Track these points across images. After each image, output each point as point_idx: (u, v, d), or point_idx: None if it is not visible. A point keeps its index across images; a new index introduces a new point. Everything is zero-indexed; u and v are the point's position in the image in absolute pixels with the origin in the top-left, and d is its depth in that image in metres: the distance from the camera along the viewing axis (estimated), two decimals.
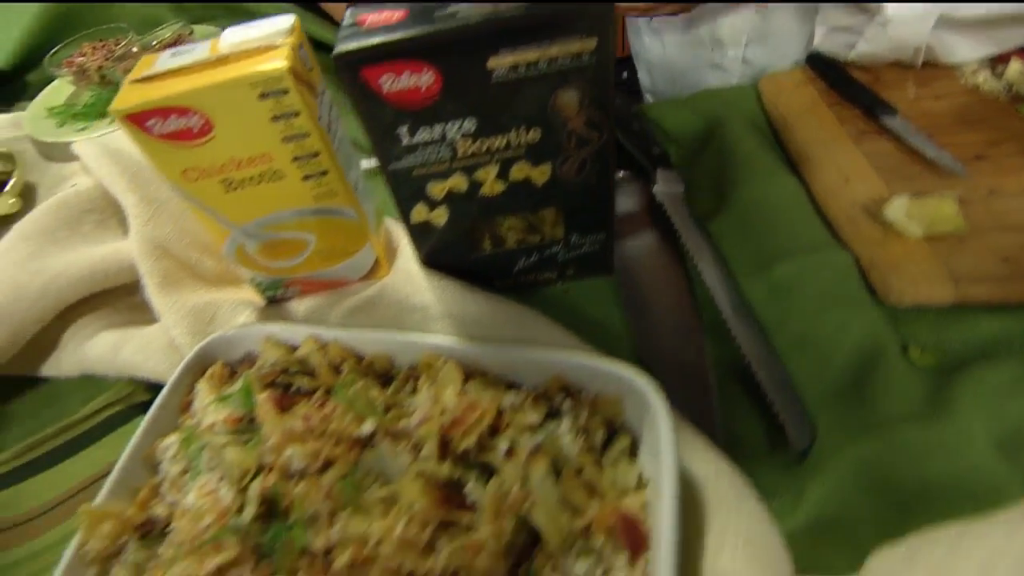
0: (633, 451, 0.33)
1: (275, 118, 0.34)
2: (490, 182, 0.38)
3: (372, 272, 0.46)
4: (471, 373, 0.35)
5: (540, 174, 0.38)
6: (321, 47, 0.49)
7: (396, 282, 0.43)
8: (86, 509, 0.33)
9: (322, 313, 0.44)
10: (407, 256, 0.45)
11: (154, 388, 0.46)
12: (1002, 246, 0.40)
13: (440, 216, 0.40)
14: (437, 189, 0.38)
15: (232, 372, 0.39)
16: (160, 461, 0.36)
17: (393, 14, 0.32)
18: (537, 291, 0.46)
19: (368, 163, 0.54)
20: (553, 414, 0.33)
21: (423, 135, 0.34)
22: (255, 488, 0.32)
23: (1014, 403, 0.35)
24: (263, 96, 0.33)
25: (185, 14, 0.73)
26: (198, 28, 0.66)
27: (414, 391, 0.35)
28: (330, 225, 0.41)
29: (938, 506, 0.31)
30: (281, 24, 0.36)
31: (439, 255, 0.43)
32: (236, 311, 0.44)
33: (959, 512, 0.30)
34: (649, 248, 0.48)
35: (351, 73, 0.31)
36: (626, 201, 0.51)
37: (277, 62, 0.33)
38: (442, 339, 0.36)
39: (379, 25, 0.31)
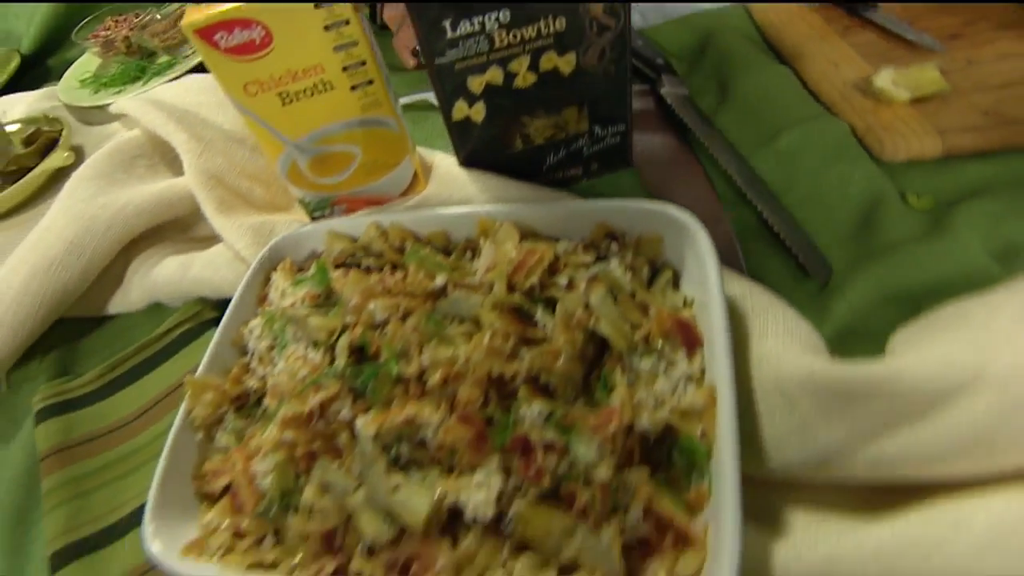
0: (675, 285, 0.37)
1: (327, 27, 0.38)
2: (523, 73, 0.42)
3: (411, 188, 0.50)
4: (524, 234, 0.39)
5: (566, 63, 0.42)
6: None
7: (437, 186, 0.47)
8: (190, 379, 0.37)
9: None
10: (444, 165, 0.49)
11: (220, 306, 0.50)
12: (982, 102, 0.45)
13: (479, 112, 0.44)
14: (476, 83, 0.42)
15: (300, 268, 0.43)
16: (247, 343, 0.40)
17: None
18: (565, 188, 0.51)
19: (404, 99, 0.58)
20: (601, 259, 0.37)
21: (464, 27, 0.38)
22: (343, 342, 0.35)
23: (1005, 225, 0.39)
24: (318, 5, 0.37)
25: None
26: None
27: (472, 259, 0.39)
28: (374, 136, 0.45)
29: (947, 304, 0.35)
30: None
31: (477, 155, 0.47)
32: (291, 227, 0.48)
33: None
34: (663, 143, 0.52)
35: None
36: (638, 103, 0.55)
37: None
38: (494, 207, 0.40)
39: None
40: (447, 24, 0.38)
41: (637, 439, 0.30)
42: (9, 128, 0.60)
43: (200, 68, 0.62)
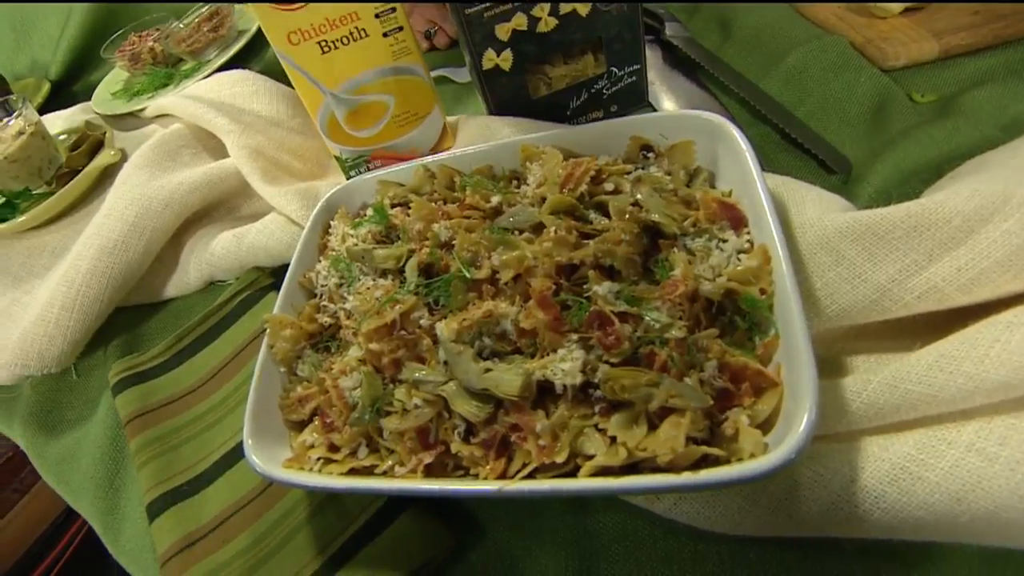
0: (712, 184, 0.40)
1: None
2: (545, 18, 0.45)
3: (440, 142, 0.53)
4: (565, 156, 0.41)
5: (583, 6, 0.45)
6: None
7: (470, 134, 0.50)
8: (269, 316, 0.39)
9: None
10: (473, 119, 0.52)
11: (276, 273, 0.52)
12: (970, 3, 0.48)
13: (507, 60, 0.47)
14: (503, 31, 0.45)
15: (355, 216, 0.46)
16: (315, 286, 0.42)
17: None
18: None
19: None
20: (639, 169, 0.40)
21: None
22: (412, 263, 0.38)
23: (1009, 107, 0.42)
24: None
25: None
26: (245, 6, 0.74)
27: (519, 186, 0.42)
28: (405, 85, 0.48)
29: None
30: None
31: (505, 103, 0.50)
32: (330, 184, 0.51)
33: None
34: (675, 81, 0.55)
35: None
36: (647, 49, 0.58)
37: None
38: (532, 135, 0.43)
39: None
40: None
41: (702, 305, 0.32)
42: (57, 136, 0.63)
43: (225, 67, 0.66)
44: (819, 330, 0.33)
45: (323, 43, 0.44)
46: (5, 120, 0.57)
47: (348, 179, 0.52)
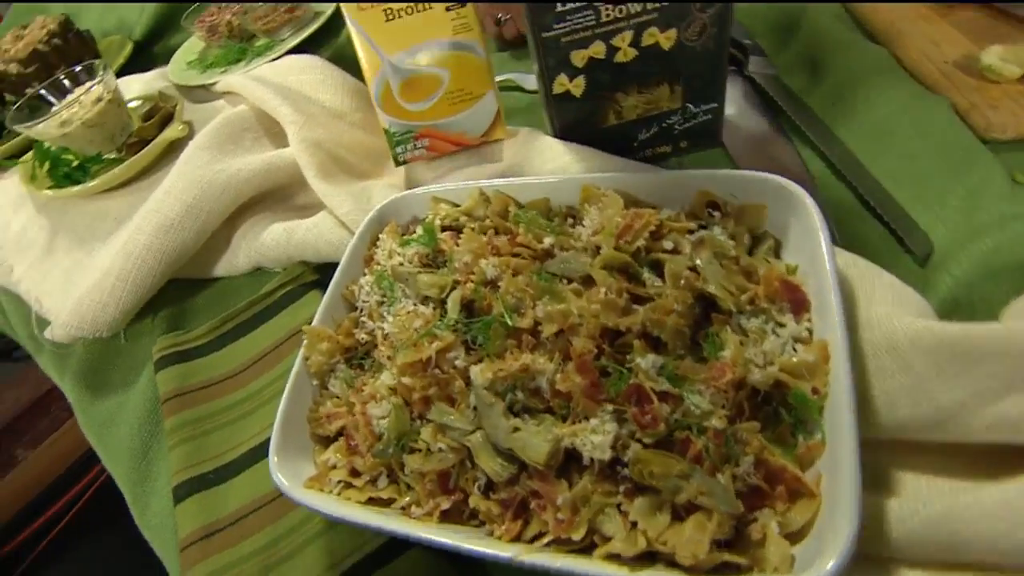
0: (776, 254, 0.37)
1: None
2: (625, 48, 0.43)
3: (491, 130, 0.52)
4: (626, 202, 0.40)
5: (667, 39, 0.43)
6: None
7: (528, 151, 0.49)
8: (307, 328, 0.40)
9: (452, 179, 0.50)
10: (535, 136, 0.51)
11: (321, 270, 0.53)
12: None
13: (579, 86, 0.45)
14: (579, 57, 0.43)
15: (404, 230, 0.45)
16: (356, 299, 0.42)
17: None
18: (654, 164, 0.51)
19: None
20: (702, 227, 0.38)
21: (574, 1, 0.40)
22: (455, 296, 0.37)
23: None
24: None
25: None
26: None
27: (574, 225, 0.41)
28: (462, 62, 0.48)
29: None
30: None
31: (571, 128, 0.48)
32: (387, 192, 0.51)
33: None
34: (752, 122, 0.52)
35: None
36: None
37: None
38: (596, 175, 0.41)
39: None
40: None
41: (747, 394, 0.31)
42: (130, 105, 0.65)
43: (297, 49, 0.66)
44: (869, 435, 0.31)
45: (388, 11, 0.45)
46: (88, 86, 0.58)
47: (395, 155, 0.52)
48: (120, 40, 0.83)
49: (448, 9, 0.45)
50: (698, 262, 0.35)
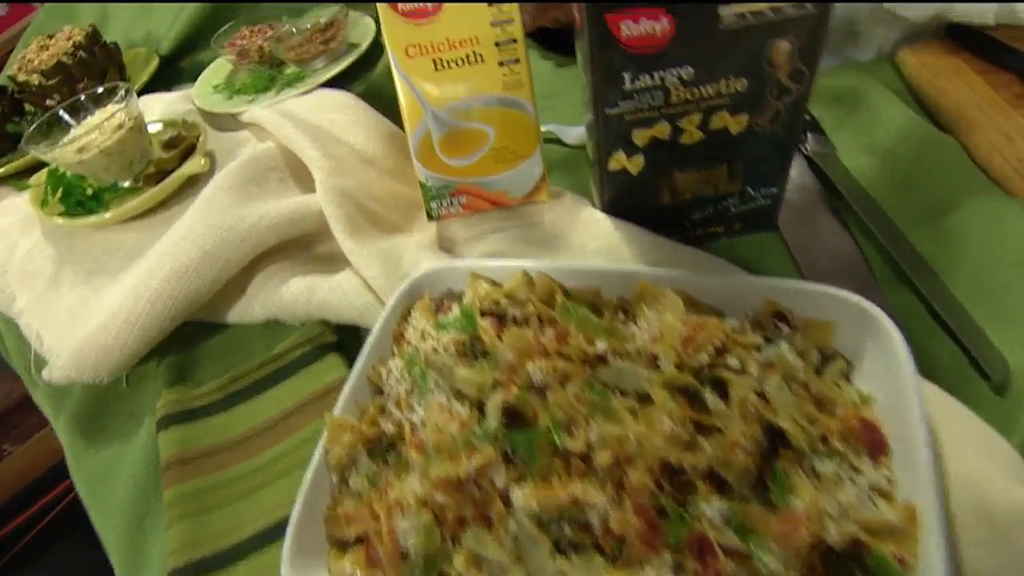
0: (846, 376, 0.34)
1: (491, 1, 0.40)
2: (691, 130, 0.40)
3: (534, 192, 0.49)
4: (685, 303, 0.37)
5: (736, 124, 0.40)
6: None
7: (573, 223, 0.46)
8: (329, 418, 0.37)
9: (488, 240, 0.47)
10: (580, 205, 0.48)
11: (341, 331, 0.50)
12: None
13: (636, 164, 0.42)
14: (641, 136, 0.40)
15: (438, 306, 0.42)
16: (384, 383, 0.39)
17: None
18: (703, 245, 0.48)
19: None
20: (768, 340, 0.35)
21: (643, 81, 0.37)
22: (496, 401, 0.34)
23: None
24: None
25: None
26: (363, 17, 0.71)
27: (626, 321, 0.38)
28: (510, 119, 0.45)
29: None
30: None
31: (620, 203, 0.45)
32: (419, 253, 0.48)
33: None
34: (808, 204, 0.49)
35: (596, 16, 0.34)
36: None
37: None
38: (654, 269, 0.38)
39: None
40: (627, 76, 0.37)
41: (820, 551, 0.28)
42: (151, 128, 0.62)
43: (330, 83, 0.63)
44: None
45: (438, 60, 0.42)
46: (110, 110, 0.55)
47: (429, 210, 0.49)
48: (146, 54, 0.79)
49: (501, 64, 0.43)
50: (767, 388, 0.32)
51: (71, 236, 0.57)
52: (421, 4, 0.40)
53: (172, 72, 0.79)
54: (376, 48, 0.68)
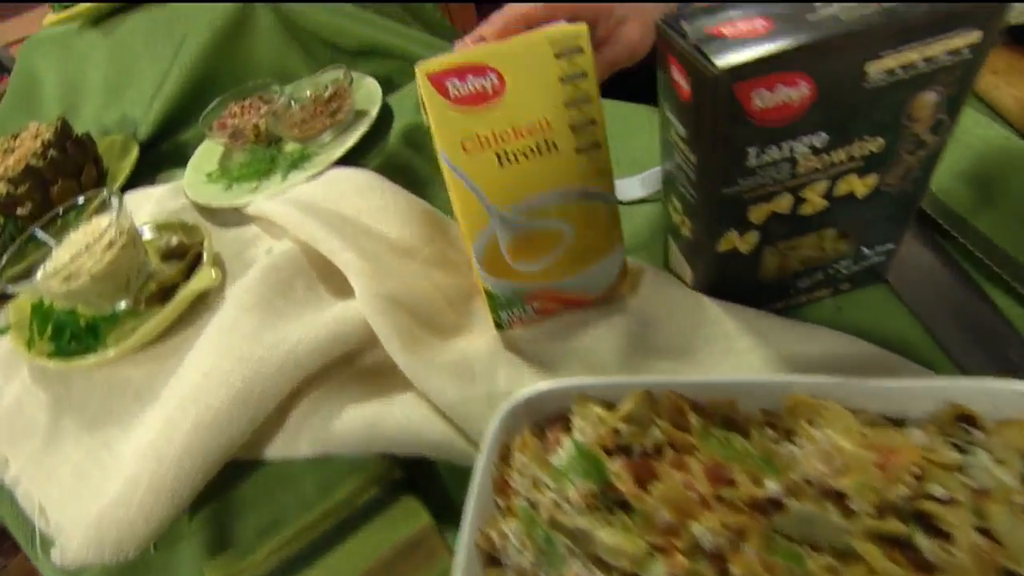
0: None
1: (564, 79, 0.33)
2: (813, 200, 0.34)
3: (617, 284, 0.43)
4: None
5: (864, 186, 0.34)
6: None
7: (670, 308, 0.40)
8: None
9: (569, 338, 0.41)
10: (666, 279, 0.42)
11: (409, 464, 0.42)
12: None
13: (749, 242, 0.36)
14: (759, 212, 0.34)
15: (541, 434, 0.35)
16: (499, 551, 0.32)
17: (753, 22, 0.29)
18: (803, 310, 0.43)
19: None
20: (959, 449, 0.29)
21: (770, 154, 0.31)
22: (657, 571, 0.27)
23: None
24: (559, 56, 0.33)
25: (315, 62, 0.71)
26: (363, 79, 0.63)
27: (778, 439, 0.31)
28: (590, 214, 0.38)
29: None
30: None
31: (718, 282, 0.39)
32: (492, 361, 0.41)
33: None
34: (915, 249, 0.44)
35: (723, 90, 0.28)
36: None
37: (574, 25, 0.33)
38: (807, 379, 0.32)
39: (746, 36, 0.28)
40: (752, 151, 0.31)
41: None
42: (144, 235, 0.53)
43: (343, 160, 0.55)
44: None
45: (503, 153, 0.35)
46: (101, 228, 0.47)
47: (497, 320, 0.42)
48: (124, 141, 0.71)
49: (579, 151, 0.36)
50: (994, 525, 0.26)
51: (66, 376, 0.48)
52: (480, 85, 0.33)
53: (154, 157, 0.71)
54: (386, 113, 0.61)
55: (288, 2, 0.65)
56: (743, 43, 0.28)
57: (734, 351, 0.37)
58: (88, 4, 0.68)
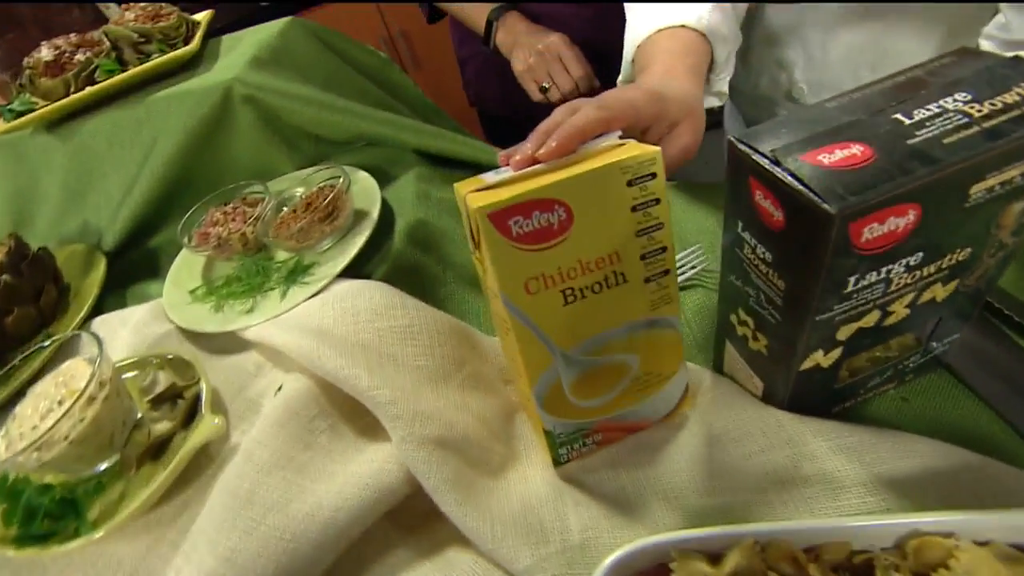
0: None
1: (635, 208, 0.30)
2: (899, 311, 0.32)
3: (677, 407, 0.40)
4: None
5: (945, 291, 0.33)
6: None
7: (740, 421, 0.37)
8: None
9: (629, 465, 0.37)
10: (728, 388, 0.39)
11: None
12: None
13: (832, 358, 0.34)
14: (845, 330, 0.32)
15: None
16: None
17: (849, 148, 0.27)
18: (869, 404, 0.41)
19: None
20: None
21: (869, 279, 0.29)
22: None
23: None
24: (631, 183, 0.29)
25: (299, 155, 0.66)
26: (356, 174, 0.59)
27: None
28: (657, 342, 0.35)
29: None
30: (610, 138, 0.33)
31: (802, 398, 0.37)
32: (559, 507, 0.37)
33: None
34: (976, 331, 0.43)
35: (837, 227, 0.25)
36: None
37: (646, 148, 0.30)
38: (929, 519, 0.29)
39: (848, 167, 0.26)
40: (852, 279, 0.28)
41: None
42: (125, 375, 0.46)
43: (347, 272, 0.50)
44: None
45: (568, 291, 0.31)
46: (80, 383, 0.40)
47: (555, 457, 0.38)
48: (86, 252, 0.63)
49: (648, 281, 0.33)
50: None
51: (37, 562, 0.40)
52: (546, 220, 0.29)
53: (122, 269, 0.63)
54: (387, 212, 0.57)
55: (269, 98, 0.60)
56: (848, 176, 0.26)
57: (826, 475, 0.34)
58: (41, 110, 0.61)
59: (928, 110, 0.28)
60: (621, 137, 0.33)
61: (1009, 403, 0.39)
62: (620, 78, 0.56)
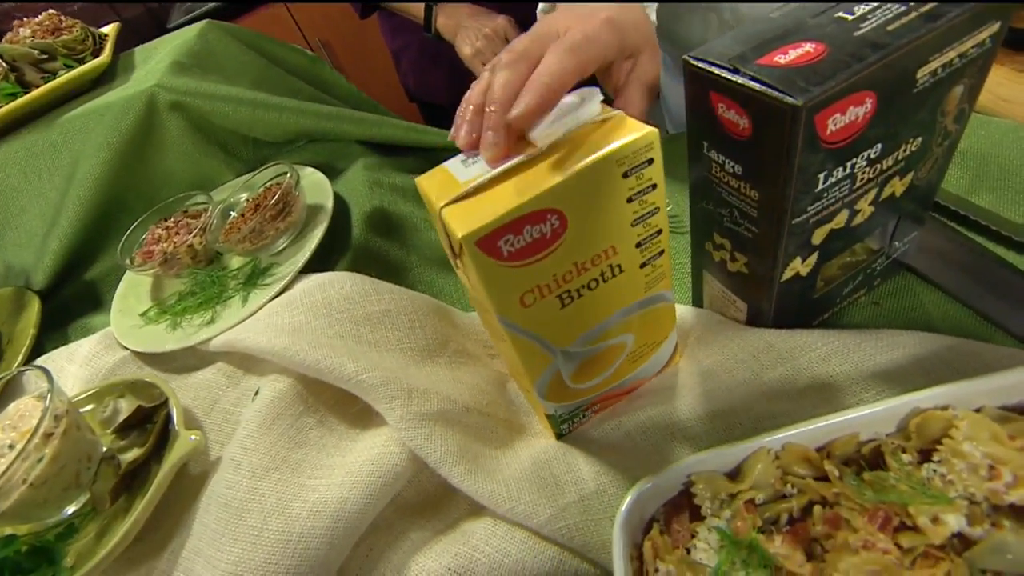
0: None
1: (631, 198, 0.29)
2: (864, 208, 0.34)
3: (670, 361, 0.40)
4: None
5: (902, 185, 0.34)
6: None
7: (734, 354, 0.38)
8: None
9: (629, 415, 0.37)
10: (716, 321, 0.39)
11: None
12: None
13: (809, 264, 0.35)
14: (820, 234, 0.33)
15: (666, 529, 0.31)
16: None
17: (802, 47, 0.27)
18: (844, 314, 0.42)
19: None
20: None
21: (836, 175, 0.30)
22: None
23: None
24: (626, 174, 0.28)
25: (237, 161, 0.63)
26: (303, 170, 0.56)
27: (916, 464, 0.29)
28: (650, 317, 0.35)
29: None
30: (587, 99, 0.29)
31: (786, 312, 0.38)
32: (570, 460, 0.36)
33: None
34: (931, 232, 0.45)
35: (803, 121, 0.26)
36: None
37: (639, 129, 0.27)
38: (921, 394, 0.30)
39: (802, 63, 0.27)
40: (822, 176, 0.29)
41: None
42: (82, 409, 0.43)
43: (309, 268, 0.48)
44: None
45: (566, 294, 0.30)
46: (32, 423, 0.36)
47: (557, 432, 0.38)
48: (14, 294, 0.58)
49: (643, 266, 0.32)
50: None
51: None
52: (539, 232, 0.27)
53: (58, 307, 0.58)
54: (341, 204, 0.55)
55: (196, 102, 0.57)
56: (806, 70, 0.26)
57: (821, 382, 0.35)
58: None
59: (867, 4, 0.29)
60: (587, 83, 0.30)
61: (972, 292, 0.41)
62: (540, 7, 0.51)
